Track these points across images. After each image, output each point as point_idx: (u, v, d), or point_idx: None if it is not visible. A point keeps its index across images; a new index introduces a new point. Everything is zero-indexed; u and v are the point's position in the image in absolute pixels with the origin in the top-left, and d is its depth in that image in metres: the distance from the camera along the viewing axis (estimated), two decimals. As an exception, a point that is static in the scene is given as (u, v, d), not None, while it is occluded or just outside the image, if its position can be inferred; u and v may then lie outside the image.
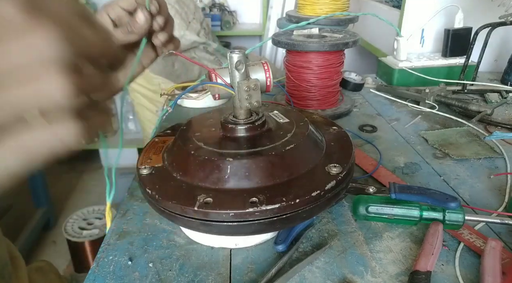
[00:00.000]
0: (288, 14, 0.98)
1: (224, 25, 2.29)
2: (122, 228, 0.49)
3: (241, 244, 0.45)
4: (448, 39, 0.97)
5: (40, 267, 0.66)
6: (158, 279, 0.41)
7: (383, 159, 0.64)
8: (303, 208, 0.39)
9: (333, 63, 0.76)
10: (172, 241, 0.46)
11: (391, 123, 0.78)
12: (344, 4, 0.93)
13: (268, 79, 0.47)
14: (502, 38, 1.08)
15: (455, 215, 0.45)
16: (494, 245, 0.41)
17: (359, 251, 0.44)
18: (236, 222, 0.38)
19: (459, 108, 0.80)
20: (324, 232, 0.47)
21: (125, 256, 0.44)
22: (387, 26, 0.93)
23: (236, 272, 0.42)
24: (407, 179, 0.58)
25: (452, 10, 0.98)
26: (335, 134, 0.51)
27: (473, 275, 0.41)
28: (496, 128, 0.74)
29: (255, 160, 0.41)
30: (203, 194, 0.39)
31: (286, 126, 0.47)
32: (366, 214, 0.47)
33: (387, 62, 1.02)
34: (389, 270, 0.41)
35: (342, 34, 0.79)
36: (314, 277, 0.41)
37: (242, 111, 0.46)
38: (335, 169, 0.42)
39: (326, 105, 0.80)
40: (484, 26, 0.87)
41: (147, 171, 0.45)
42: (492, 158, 0.63)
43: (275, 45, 0.80)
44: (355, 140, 0.70)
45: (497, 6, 0.87)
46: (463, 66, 0.91)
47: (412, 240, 0.46)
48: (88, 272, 0.42)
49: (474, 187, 0.56)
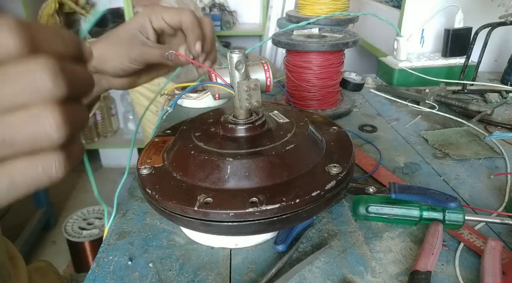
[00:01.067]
0: (288, 14, 0.98)
1: (224, 25, 2.29)
2: (122, 228, 0.49)
3: (241, 244, 0.45)
4: (448, 39, 0.97)
5: (40, 267, 0.66)
6: (158, 279, 0.41)
7: (383, 159, 0.64)
8: (303, 208, 0.39)
9: (333, 63, 0.76)
10: (172, 241, 0.46)
11: (391, 123, 0.78)
12: (344, 4, 0.93)
13: (268, 79, 0.47)
14: (502, 38, 1.08)
15: (455, 215, 0.45)
16: (494, 245, 0.41)
17: (359, 251, 0.44)
18: (236, 222, 0.38)
19: (459, 108, 0.80)
20: (324, 232, 0.47)
21: (125, 256, 0.44)
22: (387, 26, 0.93)
23: (236, 272, 0.42)
24: (407, 179, 0.58)
25: (452, 10, 0.98)
26: (335, 134, 0.51)
27: (473, 275, 0.41)
28: (496, 128, 0.74)
29: (255, 160, 0.41)
30: (203, 194, 0.39)
31: (286, 126, 0.47)
32: (366, 214, 0.47)
33: (387, 62, 1.02)
34: (389, 270, 0.41)
35: (342, 34, 0.79)
36: (314, 277, 0.41)
37: (242, 111, 0.46)
38: (335, 169, 0.42)
39: (326, 105, 0.80)
40: (484, 26, 0.87)
41: (147, 171, 0.45)
42: (492, 158, 0.63)
43: (275, 45, 0.80)
44: (355, 140, 0.70)
45: (497, 6, 0.87)
46: (463, 66, 0.91)
47: (412, 240, 0.46)
48: (88, 272, 0.42)
49: (474, 187, 0.56)
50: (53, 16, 2.15)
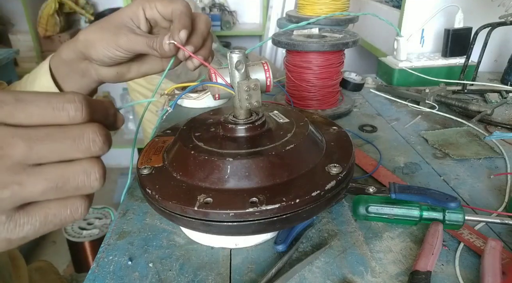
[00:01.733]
0: (288, 14, 0.98)
1: (224, 25, 2.30)
2: (122, 228, 0.49)
3: (241, 244, 0.45)
4: (448, 39, 0.97)
5: (40, 267, 0.66)
6: (158, 279, 0.41)
7: (383, 159, 0.64)
8: (303, 208, 0.39)
9: (333, 63, 0.76)
10: (172, 241, 0.46)
11: (391, 123, 0.78)
12: (344, 4, 0.93)
13: (268, 79, 0.47)
14: (502, 38, 1.08)
15: (455, 215, 0.45)
16: (494, 245, 0.41)
17: (359, 251, 0.44)
18: (236, 222, 0.37)
19: (459, 108, 0.80)
20: (324, 232, 0.47)
21: (125, 256, 0.44)
22: (387, 26, 0.94)
23: (236, 272, 0.42)
24: (407, 179, 0.58)
25: (452, 10, 0.98)
26: (335, 134, 0.51)
27: (473, 275, 0.41)
28: (496, 128, 0.74)
29: (255, 160, 0.41)
30: (203, 194, 0.39)
31: (286, 126, 0.47)
32: (366, 214, 0.47)
33: (387, 62, 1.02)
34: (389, 270, 0.41)
35: (342, 34, 0.79)
36: (314, 277, 0.41)
37: (242, 111, 0.46)
38: (335, 169, 0.42)
39: (326, 105, 0.80)
40: (484, 26, 0.87)
41: (147, 171, 0.45)
42: (492, 158, 0.63)
43: (275, 45, 0.80)
44: (355, 140, 0.70)
45: (497, 6, 0.87)
46: (463, 66, 0.91)
47: (412, 240, 0.46)
48: (88, 272, 0.42)
49: (474, 187, 0.56)
50: (53, 16, 2.16)
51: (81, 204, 0.26)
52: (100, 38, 0.47)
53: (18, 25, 2.35)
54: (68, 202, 0.25)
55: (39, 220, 0.25)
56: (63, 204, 0.25)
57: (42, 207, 0.25)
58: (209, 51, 0.50)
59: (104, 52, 0.47)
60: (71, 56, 0.50)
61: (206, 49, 0.49)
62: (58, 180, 0.24)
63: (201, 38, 0.47)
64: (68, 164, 0.25)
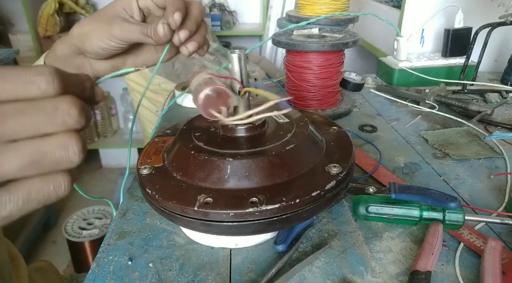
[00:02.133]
0: (288, 14, 0.98)
1: (224, 25, 2.29)
2: (122, 228, 0.49)
3: (241, 244, 0.45)
4: (448, 39, 0.97)
5: (40, 267, 0.66)
6: (158, 279, 0.41)
7: (383, 159, 0.64)
8: (303, 208, 0.39)
9: (333, 63, 0.76)
10: (172, 241, 0.46)
11: (391, 123, 0.78)
12: (344, 4, 0.93)
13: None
14: (502, 38, 1.08)
15: (455, 215, 0.45)
16: (494, 245, 0.41)
17: (359, 251, 0.44)
18: (236, 222, 0.38)
19: (459, 108, 0.80)
20: (324, 232, 0.47)
21: (125, 256, 0.44)
22: (387, 26, 0.94)
23: (236, 272, 0.42)
24: (407, 179, 0.58)
25: (452, 10, 0.98)
26: (335, 134, 0.51)
27: (473, 275, 0.41)
28: (496, 128, 0.74)
29: (255, 160, 0.41)
30: (203, 194, 0.39)
31: (286, 126, 0.47)
32: (366, 214, 0.47)
33: (387, 62, 1.02)
34: (389, 270, 0.41)
35: (342, 34, 0.79)
36: (314, 277, 0.41)
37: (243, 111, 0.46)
38: (335, 169, 0.42)
39: (326, 105, 0.80)
40: (484, 26, 0.87)
41: (147, 171, 0.45)
42: (492, 158, 0.63)
43: (275, 45, 0.80)
44: (355, 140, 0.70)
45: (497, 6, 0.87)
46: (463, 66, 0.91)
47: (412, 240, 0.46)
48: (88, 272, 0.42)
49: (474, 187, 0.56)
50: (53, 16, 2.15)
51: (64, 180, 0.25)
52: (94, 29, 0.47)
53: (18, 25, 2.35)
54: (50, 177, 0.25)
55: (21, 197, 0.24)
56: (45, 180, 0.25)
57: (23, 184, 0.24)
58: (203, 37, 0.49)
59: (98, 43, 0.47)
60: (66, 51, 0.50)
61: (201, 36, 0.49)
62: (34, 155, 0.24)
63: (195, 23, 0.47)
64: (44, 139, 0.24)
